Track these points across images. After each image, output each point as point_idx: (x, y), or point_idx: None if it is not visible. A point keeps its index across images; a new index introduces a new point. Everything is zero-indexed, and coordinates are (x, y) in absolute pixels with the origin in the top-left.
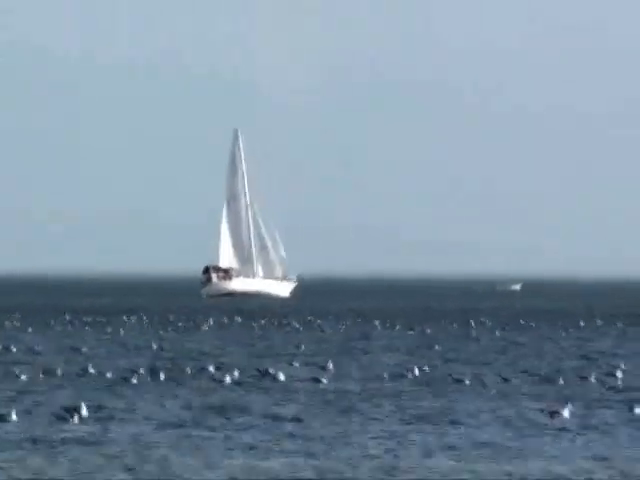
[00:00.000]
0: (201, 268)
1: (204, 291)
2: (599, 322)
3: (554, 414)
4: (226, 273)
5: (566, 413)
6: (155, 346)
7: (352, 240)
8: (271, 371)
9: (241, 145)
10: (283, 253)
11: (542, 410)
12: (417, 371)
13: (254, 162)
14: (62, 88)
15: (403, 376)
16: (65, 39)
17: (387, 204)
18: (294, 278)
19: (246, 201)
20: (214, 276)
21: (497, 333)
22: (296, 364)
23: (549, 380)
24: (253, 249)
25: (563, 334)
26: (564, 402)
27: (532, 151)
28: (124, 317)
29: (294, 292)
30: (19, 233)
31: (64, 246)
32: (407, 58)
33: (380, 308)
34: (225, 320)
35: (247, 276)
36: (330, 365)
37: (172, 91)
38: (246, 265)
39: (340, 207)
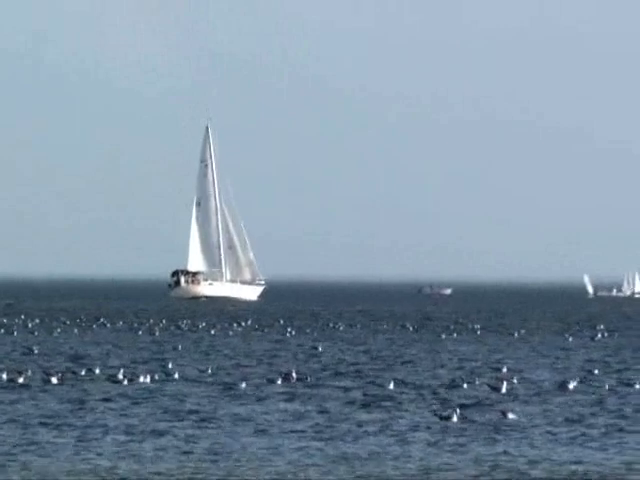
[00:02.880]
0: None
1: (172, 294)
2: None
3: (444, 418)
4: (194, 277)
5: (455, 418)
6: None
7: (319, 244)
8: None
9: (211, 141)
10: (252, 255)
11: (434, 413)
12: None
13: (226, 160)
14: None
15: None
16: None
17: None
18: (263, 281)
19: (216, 202)
20: (182, 280)
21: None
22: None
23: (437, 388)
24: (222, 252)
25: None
26: (453, 407)
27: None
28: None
29: (263, 295)
30: None
31: None
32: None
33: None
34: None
35: (215, 280)
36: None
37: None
38: (215, 269)
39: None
